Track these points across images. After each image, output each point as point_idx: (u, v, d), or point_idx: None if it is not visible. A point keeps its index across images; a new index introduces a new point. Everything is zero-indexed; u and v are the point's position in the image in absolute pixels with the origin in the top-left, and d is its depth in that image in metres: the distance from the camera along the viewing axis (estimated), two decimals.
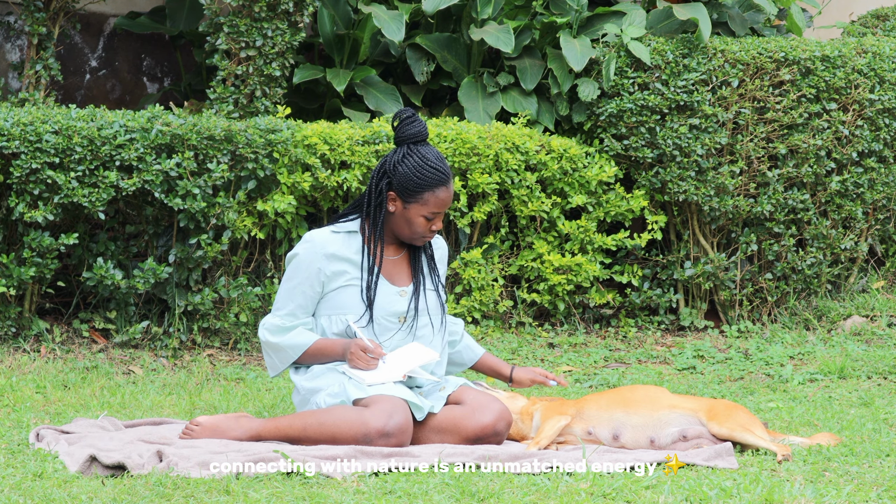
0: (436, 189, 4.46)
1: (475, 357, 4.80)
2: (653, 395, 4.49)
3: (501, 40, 6.79)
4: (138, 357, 6.06)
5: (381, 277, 4.52)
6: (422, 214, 4.48)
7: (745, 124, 6.77)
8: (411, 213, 4.49)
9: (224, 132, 6.03)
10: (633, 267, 6.87)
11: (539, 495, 3.75)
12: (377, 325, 4.51)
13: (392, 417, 4.26)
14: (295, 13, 6.50)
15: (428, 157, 4.48)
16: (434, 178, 4.46)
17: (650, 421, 4.39)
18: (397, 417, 4.27)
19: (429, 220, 4.50)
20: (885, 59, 6.92)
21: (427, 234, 4.53)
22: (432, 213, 4.48)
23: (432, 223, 4.51)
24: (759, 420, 4.45)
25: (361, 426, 4.24)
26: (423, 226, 4.50)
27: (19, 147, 5.81)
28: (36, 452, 4.25)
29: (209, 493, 3.75)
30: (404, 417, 4.29)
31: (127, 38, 7.85)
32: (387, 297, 4.52)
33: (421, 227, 4.50)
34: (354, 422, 4.26)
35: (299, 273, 4.50)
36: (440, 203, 4.48)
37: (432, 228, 4.52)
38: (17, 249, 6.00)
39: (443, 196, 4.47)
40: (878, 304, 6.98)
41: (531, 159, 6.59)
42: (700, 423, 4.38)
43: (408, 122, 4.50)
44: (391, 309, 4.52)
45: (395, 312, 4.52)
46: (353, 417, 4.27)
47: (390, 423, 4.25)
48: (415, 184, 4.45)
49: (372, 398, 4.33)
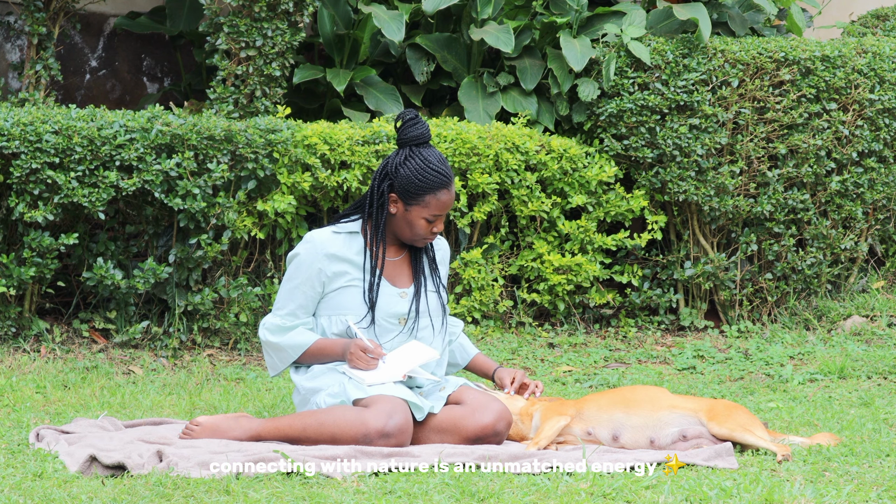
0: (437, 192, 4.46)
1: (468, 358, 4.80)
2: (653, 396, 4.49)
3: (501, 40, 6.79)
4: (138, 357, 6.06)
5: (382, 279, 4.52)
6: (423, 217, 4.48)
7: (745, 124, 6.77)
8: (412, 216, 4.49)
9: (224, 132, 6.03)
10: (633, 267, 6.87)
11: (539, 495, 3.75)
12: (378, 326, 4.51)
13: (392, 418, 4.26)
14: (295, 13, 6.50)
15: (430, 160, 4.47)
16: (436, 181, 4.46)
17: (650, 421, 4.39)
18: (397, 418, 4.27)
19: (430, 223, 4.49)
20: (885, 59, 6.92)
21: (428, 236, 4.53)
22: (434, 215, 4.48)
23: (433, 225, 4.50)
24: (759, 420, 4.45)
25: (361, 426, 4.24)
26: (425, 228, 4.50)
27: (19, 147, 5.81)
28: (36, 452, 4.25)
29: (209, 493, 3.75)
30: (404, 418, 4.29)
31: (127, 38, 7.85)
32: (388, 299, 4.52)
33: (422, 229, 4.50)
34: (354, 422, 4.26)
35: (300, 273, 4.50)
36: (442, 205, 4.48)
37: (434, 230, 4.51)
38: (17, 249, 6.00)
39: (444, 198, 4.47)
40: (878, 304, 6.98)
41: (531, 159, 6.59)
42: (700, 424, 4.38)
43: (410, 123, 4.49)
44: (392, 310, 4.52)
45: (395, 314, 4.52)
46: (353, 418, 4.27)
47: (390, 423, 4.25)
48: (416, 186, 4.45)
49: (372, 398, 4.33)
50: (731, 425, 4.33)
